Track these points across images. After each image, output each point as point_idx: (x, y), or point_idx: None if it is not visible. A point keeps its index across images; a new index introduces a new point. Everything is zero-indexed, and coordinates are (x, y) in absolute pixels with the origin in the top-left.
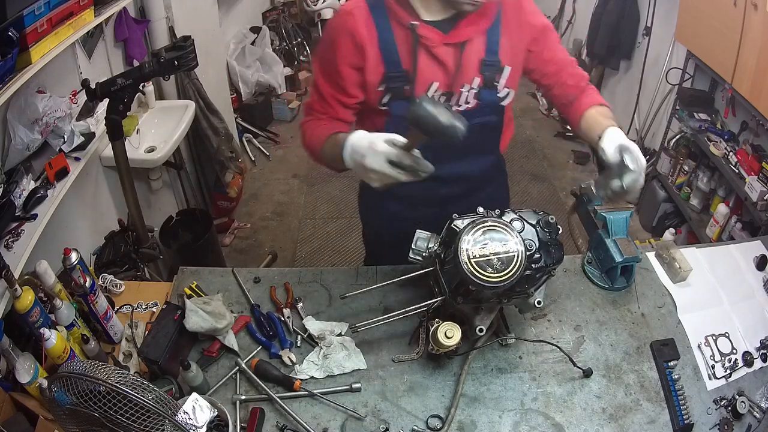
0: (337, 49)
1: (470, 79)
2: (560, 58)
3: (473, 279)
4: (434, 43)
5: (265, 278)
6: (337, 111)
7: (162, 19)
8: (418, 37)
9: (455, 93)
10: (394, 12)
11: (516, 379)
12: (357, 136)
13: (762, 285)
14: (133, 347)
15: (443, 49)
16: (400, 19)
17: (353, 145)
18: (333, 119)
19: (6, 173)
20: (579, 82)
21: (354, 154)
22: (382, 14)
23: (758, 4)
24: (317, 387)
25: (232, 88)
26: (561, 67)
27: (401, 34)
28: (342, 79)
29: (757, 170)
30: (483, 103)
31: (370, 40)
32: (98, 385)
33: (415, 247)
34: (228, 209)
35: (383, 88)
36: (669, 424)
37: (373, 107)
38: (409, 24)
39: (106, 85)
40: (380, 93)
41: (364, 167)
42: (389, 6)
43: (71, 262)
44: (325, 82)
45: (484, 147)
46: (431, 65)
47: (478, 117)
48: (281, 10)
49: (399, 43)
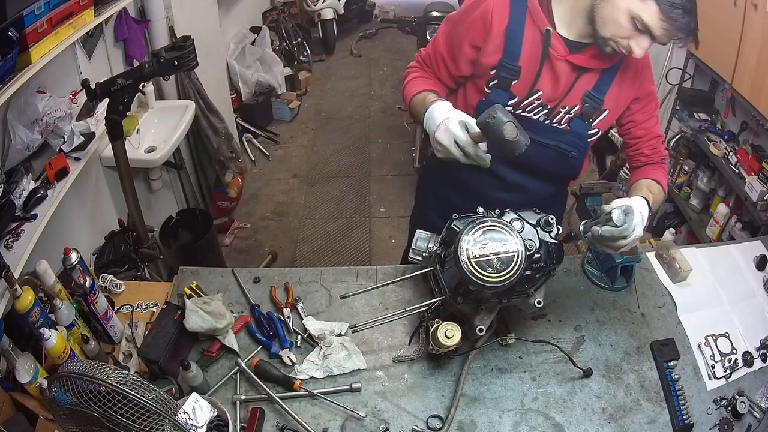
0: (466, 25)
1: (572, 105)
2: (650, 127)
3: (473, 279)
4: (559, 55)
5: (265, 278)
6: (441, 74)
7: (162, 19)
8: (548, 44)
9: (554, 110)
10: (533, 11)
11: (516, 379)
12: (439, 106)
13: (762, 285)
14: (133, 347)
15: (563, 65)
16: (537, 20)
17: (433, 113)
18: (434, 78)
19: (6, 173)
20: (653, 156)
21: (429, 121)
22: (520, 7)
23: (758, 4)
24: (317, 387)
25: (232, 88)
26: (646, 136)
27: (530, 33)
28: (459, 52)
29: (757, 170)
30: (572, 132)
31: (499, 25)
32: (98, 385)
33: (415, 247)
34: (228, 209)
35: (494, 73)
36: (669, 424)
37: (477, 85)
38: (544, 29)
39: (106, 85)
40: (489, 76)
41: (434, 137)
42: (531, 4)
43: (71, 262)
44: (444, 45)
45: (554, 173)
46: (545, 74)
47: (561, 143)
48: (281, 10)
49: (525, 40)
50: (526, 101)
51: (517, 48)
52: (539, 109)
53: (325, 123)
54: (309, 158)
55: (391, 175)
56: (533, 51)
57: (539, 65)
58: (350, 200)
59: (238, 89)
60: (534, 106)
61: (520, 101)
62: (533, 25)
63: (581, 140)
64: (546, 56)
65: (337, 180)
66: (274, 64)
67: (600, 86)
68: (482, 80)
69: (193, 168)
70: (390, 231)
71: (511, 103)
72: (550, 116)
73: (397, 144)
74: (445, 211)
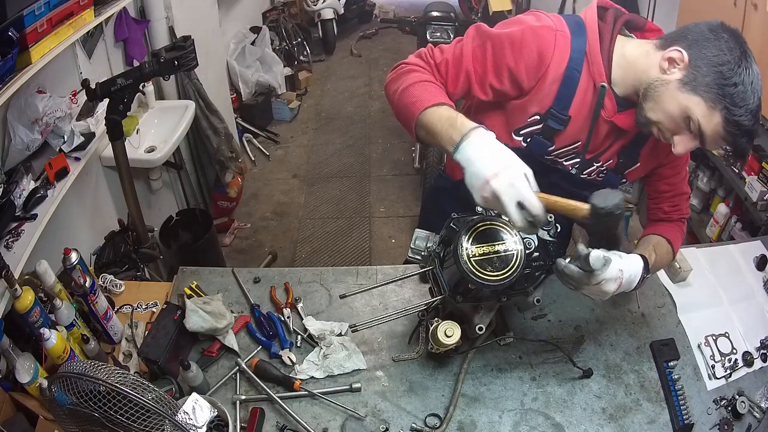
0: (517, 55)
1: (607, 159)
2: (676, 183)
3: (473, 278)
4: (607, 115)
5: (265, 278)
6: (455, 88)
7: (162, 19)
8: (602, 102)
9: (589, 163)
10: (592, 60)
11: (516, 379)
12: (487, 142)
13: (762, 285)
14: (133, 347)
15: (604, 123)
16: (593, 71)
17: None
18: (442, 88)
19: (6, 173)
20: (672, 214)
21: (472, 157)
22: (579, 53)
23: (758, 4)
24: (317, 387)
25: (232, 88)
26: (670, 192)
27: (584, 83)
28: (493, 77)
29: (757, 170)
30: (604, 183)
31: (556, 69)
32: (98, 385)
33: (414, 246)
34: (228, 209)
35: (534, 119)
36: (669, 424)
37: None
38: (600, 84)
39: (106, 85)
40: (526, 123)
41: (485, 180)
42: (591, 52)
43: (71, 262)
44: (473, 61)
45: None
46: (586, 126)
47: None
48: (281, 10)
49: (579, 90)
50: (563, 149)
51: (570, 96)
52: (573, 158)
53: (325, 123)
54: (309, 158)
55: (391, 175)
56: (583, 102)
57: (590, 123)
58: (350, 200)
59: (238, 89)
60: (570, 156)
61: (556, 149)
62: (588, 76)
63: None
64: (598, 115)
65: (337, 180)
66: (274, 64)
67: (638, 141)
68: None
69: (193, 168)
70: (390, 231)
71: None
72: (583, 168)
73: (397, 144)
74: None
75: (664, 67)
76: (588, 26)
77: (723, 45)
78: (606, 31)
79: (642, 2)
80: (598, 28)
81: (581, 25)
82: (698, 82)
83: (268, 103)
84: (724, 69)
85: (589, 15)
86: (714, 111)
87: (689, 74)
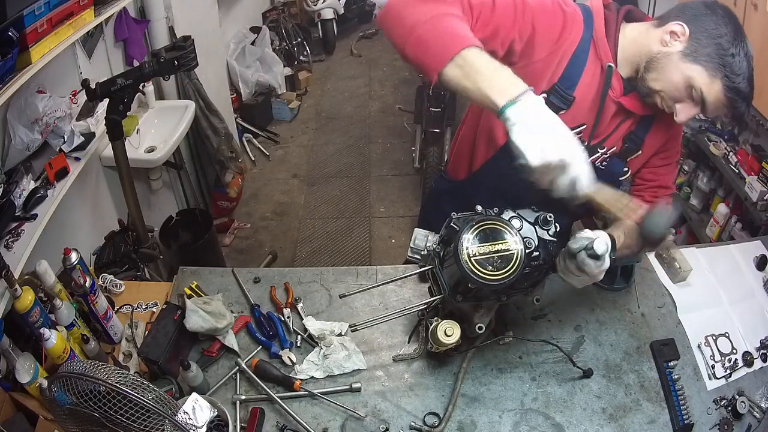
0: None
1: (610, 146)
2: (662, 174)
3: (473, 277)
4: (614, 96)
5: (265, 278)
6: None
7: (162, 19)
8: (609, 82)
9: (594, 149)
10: (598, 42)
11: (516, 379)
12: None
13: (762, 285)
14: (133, 347)
15: (611, 104)
16: (600, 53)
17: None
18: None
19: (6, 173)
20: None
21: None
22: (588, 33)
23: (758, 4)
24: (317, 387)
25: (232, 88)
26: (654, 181)
27: (592, 64)
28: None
29: (757, 170)
30: (607, 170)
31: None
32: (98, 385)
33: (413, 245)
34: (228, 209)
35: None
36: (669, 424)
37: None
38: (607, 64)
39: (106, 85)
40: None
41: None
42: (597, 33)
43: (71, 262)
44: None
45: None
46: (593, 109)
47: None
48: (281, 10)
49: (585, 71)
50: None
51: (576, 76)
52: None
53: (325, 123)
54: (309, 158)
55: (391, 175)
56: (590, 84)
57: (599, 104)
58: (350, 200)
59: (238, 89)
60: None
61: None
62: (596, 57)
63: (613, 180)
64: (606, 95)
65: (337, 180)
66: (274, 64)
67: (643, 126)
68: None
69: (193, 168)
70: (390, 231)
71: None
72: (591, 154)
73: (397, 144)
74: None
75: (666, 40)
76: (595, 13)
77: (719, 19)
78: (611, 18)
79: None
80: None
81: (589, 12)
82: (699, 53)
83: (268, 103)
84: (722, 41)
85: (596, 3)
86: (715, 79)
87: (690, 46)
